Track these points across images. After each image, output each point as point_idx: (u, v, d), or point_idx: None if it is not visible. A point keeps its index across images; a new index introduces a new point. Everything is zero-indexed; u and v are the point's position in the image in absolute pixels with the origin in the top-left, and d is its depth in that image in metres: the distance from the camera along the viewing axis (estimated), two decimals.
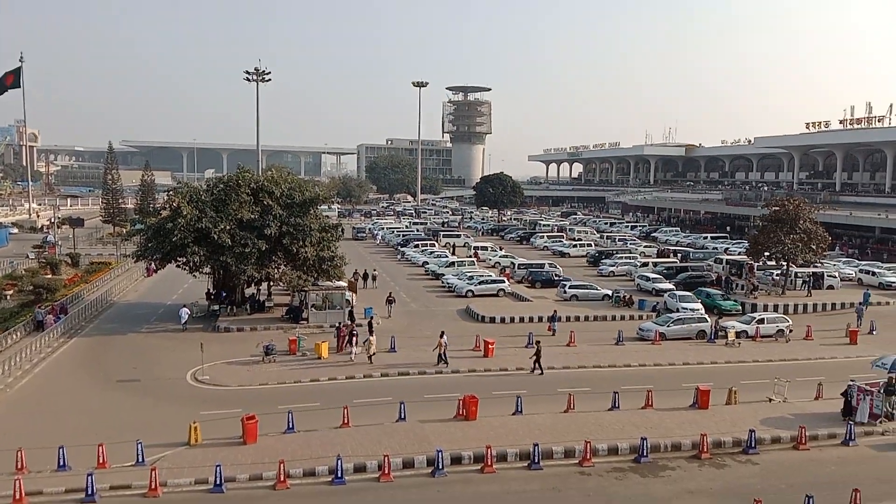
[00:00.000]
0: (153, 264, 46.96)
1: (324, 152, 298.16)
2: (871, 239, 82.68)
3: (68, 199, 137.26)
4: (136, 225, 63.18)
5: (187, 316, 41.13)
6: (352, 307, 42.14)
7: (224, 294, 44.64)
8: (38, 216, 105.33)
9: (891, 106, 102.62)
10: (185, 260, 42.38)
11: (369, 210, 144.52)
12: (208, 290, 46.07)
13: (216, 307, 44.25)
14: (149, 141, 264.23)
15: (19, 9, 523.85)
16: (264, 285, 46.65)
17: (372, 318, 40.05)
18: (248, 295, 45.64)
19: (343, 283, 45.01)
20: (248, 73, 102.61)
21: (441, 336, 34.09)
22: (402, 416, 25.61)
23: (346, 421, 24.82)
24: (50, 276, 54.99)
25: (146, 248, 43.12)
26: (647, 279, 54.21)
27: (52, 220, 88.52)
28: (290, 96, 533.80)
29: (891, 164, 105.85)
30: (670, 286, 52.23)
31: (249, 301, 44.80)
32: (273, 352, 33.88)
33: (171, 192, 45.49)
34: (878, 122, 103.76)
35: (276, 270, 44.37)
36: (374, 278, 57.00)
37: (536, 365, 32.84)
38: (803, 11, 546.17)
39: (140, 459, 21.55)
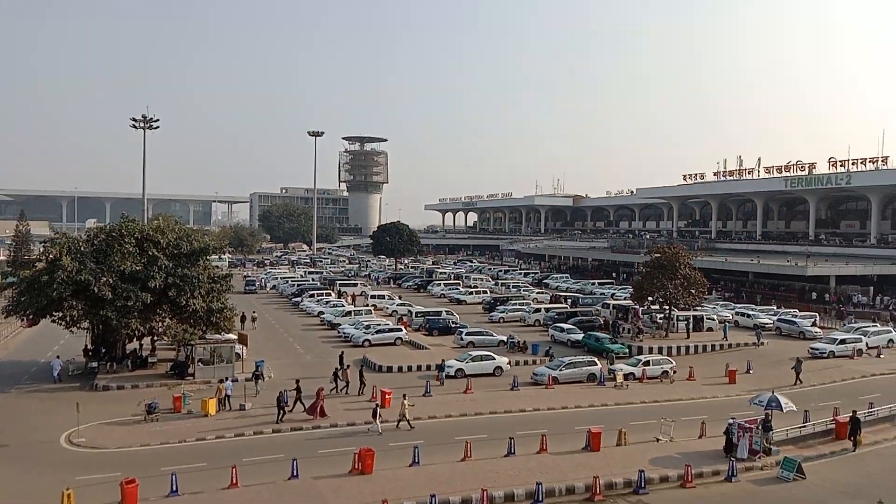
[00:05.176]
0: (26, 319, 43.90)
1: (214, 201, 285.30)
2: (745, 283, 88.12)
3: None
4: (7, 278, 58.99)
5: (60, 367, 38.99)
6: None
7: (103, 350, 42.11)
8: None
9: (759, 159, 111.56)
10: (61, 314, 39.72)
11: (262, 260, 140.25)
12: (86, 345, 43.36)
13: (94, 364, 41.59)
14: (24, 189, 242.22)
15: None
16: (147, 340, 44.38)
17: (260, 369, 39.17)
18: (129, 350, 43.19)
19: (233, 336, 43.48)
20: (134, 120, 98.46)
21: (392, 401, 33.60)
22: (295, 474, 24.73)
23: (234, 481, 23.67)
24: None
25: (18, 302, 40.34)
26: (562, 330, 54.87)
27: None
28: (178, 143, 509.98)
29: (760, 214, 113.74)
30: (579, 335, 53.00)
31: (131, 357, 42.36)
32: (156, 410, 32.09)
33: (47, 243, 42.81)
34: (748, 173, 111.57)
35: (160, 324, 42.31)
36: (253, 320, 58.76)
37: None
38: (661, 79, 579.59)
39: None
